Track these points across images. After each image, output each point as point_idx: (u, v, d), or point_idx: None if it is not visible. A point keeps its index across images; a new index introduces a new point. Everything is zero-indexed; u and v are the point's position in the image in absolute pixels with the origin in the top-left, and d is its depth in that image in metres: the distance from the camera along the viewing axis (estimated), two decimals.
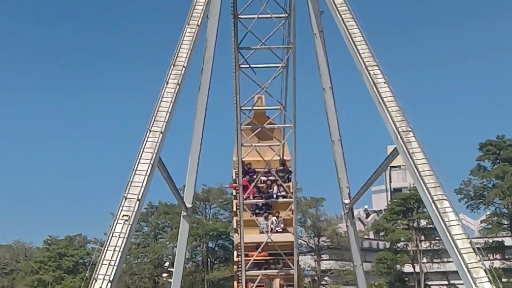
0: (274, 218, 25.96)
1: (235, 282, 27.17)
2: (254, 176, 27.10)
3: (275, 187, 26.90)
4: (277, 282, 22.82)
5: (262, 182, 26.90)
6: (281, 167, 27.61)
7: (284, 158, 27.82)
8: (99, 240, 77.51)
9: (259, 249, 24.91)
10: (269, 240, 24.79)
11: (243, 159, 25.66)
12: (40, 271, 73.56)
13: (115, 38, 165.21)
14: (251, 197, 26.43)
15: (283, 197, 26.90)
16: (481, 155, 78.19)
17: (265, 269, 25.23)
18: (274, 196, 26.86)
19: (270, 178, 26.87)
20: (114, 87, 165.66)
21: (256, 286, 24.81)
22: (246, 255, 24.76)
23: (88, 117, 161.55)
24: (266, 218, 26.07)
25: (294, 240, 25.50)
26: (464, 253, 18.32)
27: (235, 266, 27.37)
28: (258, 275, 24.95)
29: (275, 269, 25.03)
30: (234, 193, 28.63)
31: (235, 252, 27.52)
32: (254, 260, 25.06)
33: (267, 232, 25.47)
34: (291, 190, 26.85)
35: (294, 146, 24.11)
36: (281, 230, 25.97)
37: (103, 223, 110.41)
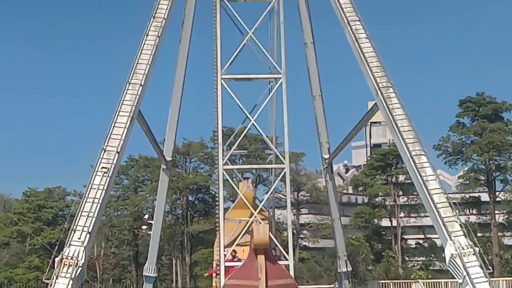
0: None
1: None
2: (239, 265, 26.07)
3: None
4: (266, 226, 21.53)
5: None
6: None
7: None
8: (78, 192, 77.49)
9: None
10: None
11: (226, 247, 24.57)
12: (19, 222, 73.54)
13: None
14: None
15: None
16: (461, 112, 78.67)
17: None
18: None
19: None
20: (94, 38, 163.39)
21: None
22: None
23: (69, 69, 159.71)
24: None
25: (288, 219, 25.21)
26: (440, 207, 18.65)
27: None
28: None
29: None
30: (214, 276, 27.39)
31: None
32: None
33: None
34: None
35: (285, 97, 23.94)
36: None
37: (83, 175, 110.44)
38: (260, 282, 17.67)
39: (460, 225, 18.52)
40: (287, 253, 24.05)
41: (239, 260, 24.82)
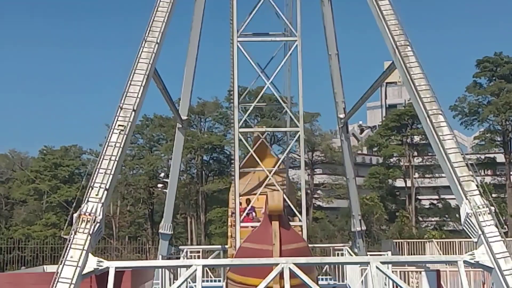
0: None
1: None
2: (253, 213, 25.70)
3: None
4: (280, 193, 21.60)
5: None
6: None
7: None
8: (94, 151, 78.13)
9: None
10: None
11: (241, 196, 24.51)
12: (36, 180, 74.32)
13: None
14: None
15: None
16: (478, 72, 78.00)
17: None
18: None
19: None
20: None
21: None
22: None
23: (85, 27, 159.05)
24: None
25: (302, 180, 25.07)
26: (456, 166, 18.54)
27: None
28: None
29: None
30: (230, 225, 27.41)
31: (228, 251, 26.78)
32: None
33: None
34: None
35: (300, 61, 23.67)
36: None
37: (98, 135, 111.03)
38: (274, 247, 18.34)
39: (476, 184, 18.43)
40: (301, 213, 24.13)
41: (253, 210, 25.34)
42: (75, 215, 17.37)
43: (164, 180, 62.70)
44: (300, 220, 24.24)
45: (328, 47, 30.84)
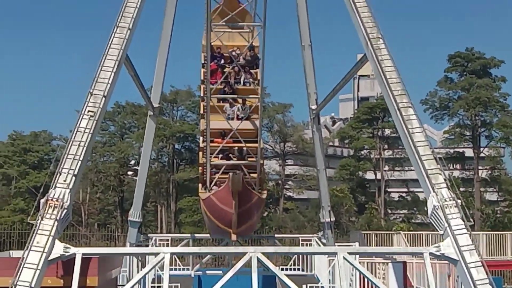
0: (240, 105, 25.37)
1: (200, 168, 27.24)
2: (222, 61, 26.25)
3: (243, 74, 26.17)
4: (240, 175, 22.88)
5: (230, 67, 25.82)
6: (250, 53, 26.53)
7: (253, 44, 26.60)
8: (64, 137, 77.32)
9: (227, 138, 24.61)
10: (234, 128, 24.43)
11: (212, 43, 24.82)
12: (4, 165, 73.41)
13: None
14: (219, 82, 25.46)
15: (251, 83, 26.01)
16: (449, 67, 78.71)
17: (229, 156, 25.15)
18: (241, 82, 26.29)
19: (238, 63, 25.68)
20: None
21: (222, 173, 24.82)
22: (211, 141, 24.64)
23: (58, 8, 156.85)
24: (232, 105, 25.44)
25: (259, 128, 25.30)
26: (424, 159, 18.72)
27: (201, 153, 27.33)
28: (223, 165, 24.94)
29: (240, 159, 25.04)
30: (202, 78, 27.83)
31: (201, 138, 27.54)
32: (220, 147, 24.86)
33: (232, 118, 25.00)
34: (259, 77, 25.97)
35: (263, 45, 23.30)
36: (246, 117, 25.55)
37: (69, 121, 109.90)
38: (234, 216, 22.77)
39: (444, 178, 18.61)
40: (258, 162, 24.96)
41: (223, 56, 26.57)
42: (42, 200, 17.20)
43: (135, 167, 62.38)
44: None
45: (302, 38, 30.84)
